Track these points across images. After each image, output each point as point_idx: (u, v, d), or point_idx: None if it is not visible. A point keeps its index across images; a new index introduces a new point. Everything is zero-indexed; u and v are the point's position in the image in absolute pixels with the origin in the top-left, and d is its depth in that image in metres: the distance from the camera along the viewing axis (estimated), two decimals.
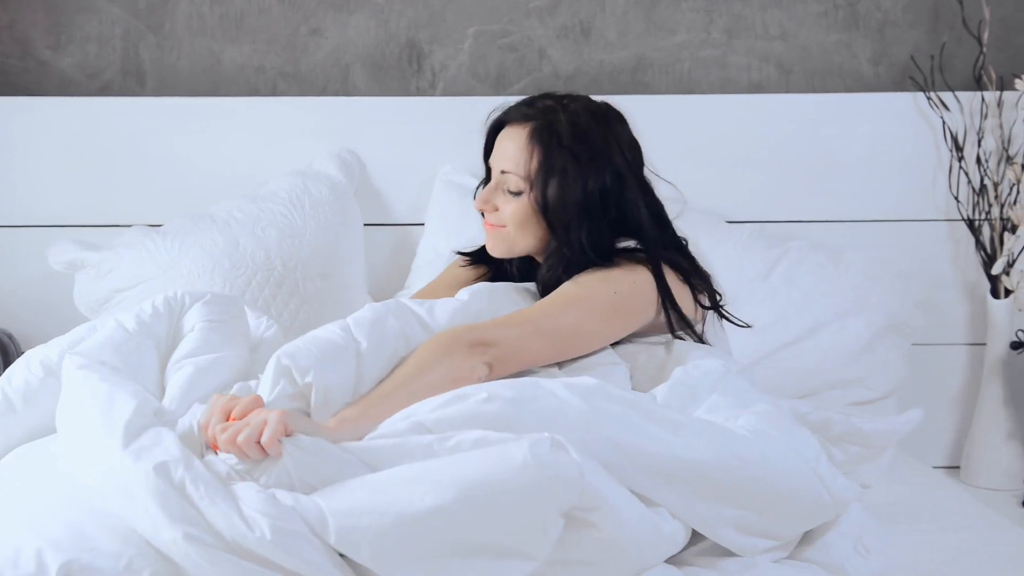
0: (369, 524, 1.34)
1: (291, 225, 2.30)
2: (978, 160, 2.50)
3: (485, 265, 1.98)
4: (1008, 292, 2.47)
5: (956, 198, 2.52)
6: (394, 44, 2.62)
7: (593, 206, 1.80)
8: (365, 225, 2.48)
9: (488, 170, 1.89)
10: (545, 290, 1.81)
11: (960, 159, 2.51)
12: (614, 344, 1.82)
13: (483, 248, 1.96)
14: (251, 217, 2.28)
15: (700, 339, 1.86)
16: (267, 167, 2.49)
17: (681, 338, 1.85)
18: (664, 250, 1.84)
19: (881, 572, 1.57)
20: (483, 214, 1.88)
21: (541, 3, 2.62)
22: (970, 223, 2.51)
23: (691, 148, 2.54)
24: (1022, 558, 1.74)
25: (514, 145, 1.82)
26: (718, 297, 1.90)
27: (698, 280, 1.85)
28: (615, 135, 1.85)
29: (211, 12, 2.59)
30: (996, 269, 2.46)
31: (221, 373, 1.66)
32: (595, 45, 2.63)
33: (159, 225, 2.34)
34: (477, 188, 1.93)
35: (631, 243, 1.84)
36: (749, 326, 1.95)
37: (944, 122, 2.52)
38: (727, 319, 1.91)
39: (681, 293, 1.82)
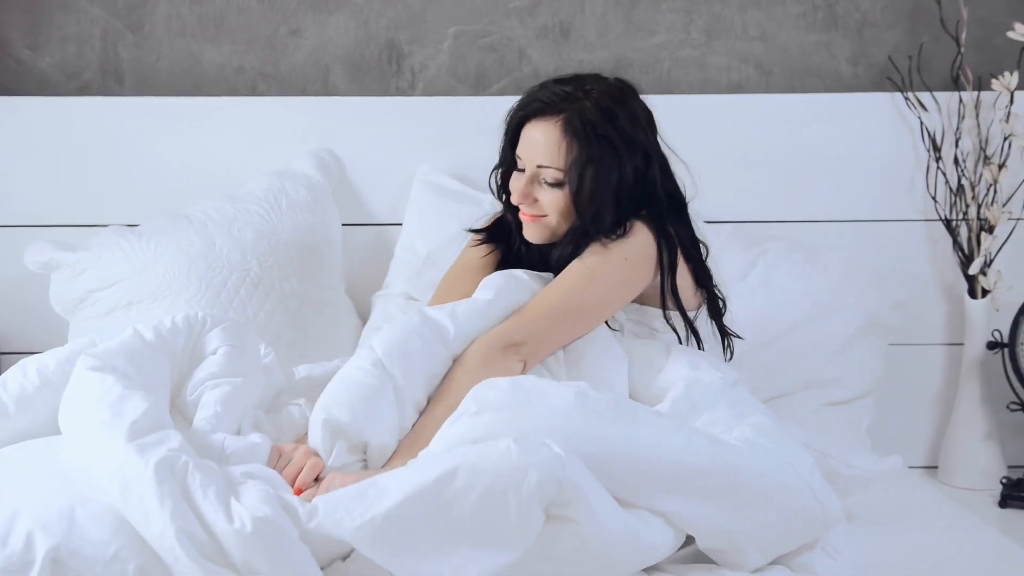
0: (357, 507, 1.39)
1: (268, 225, 2.30)
2: (956, 160, 2.51)
3: (494, 243, 2.01)
4: (985, 292, 2.47)
5: (934, 198, 2.52)
6: (374, 44, 2.62)
7: (625, 188, 1.86)
8: (344, 225, 2.48)
9: (514, 159, 1.91)
10: (561, 267, 1.85)
11: (938, 159, 2.51)
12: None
13: (494, 224, 2.02)
14: (227, 217, 2.28)
15: (691, 326, 1.89)
16: (247, 167, 2.49)
17: (674, 330, 1.87)
18: (673, 223, 1.89)
19: (850, 573, 1.58)
20: (509, 205, 1.92)
21: (521, 3, 2.63)
22: (947, 223, 2.51)
23: (672, 148, 2.53)
24: (993, 558, 1.75)
25: (547, 139, 1.85)
26: (720, 303, 1.94)
27: (700, 266, 1.90)
28: (635, 113, 1.91)
29: (190, 12, 2.59)
30: (973, 269, 2.46)
31: (251, 394, 1.72)
32: (575, 45, 2.63)
33: (137, 225, 2.34)
34: (494, 173, 1.97)
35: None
36: (742, 338, 1.99)
37: (922, 122, 2.52)
38: (720, 325, 1.94)
39: (681, 270, 1.87)
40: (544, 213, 1.88)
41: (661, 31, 2.64)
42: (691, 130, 2.54)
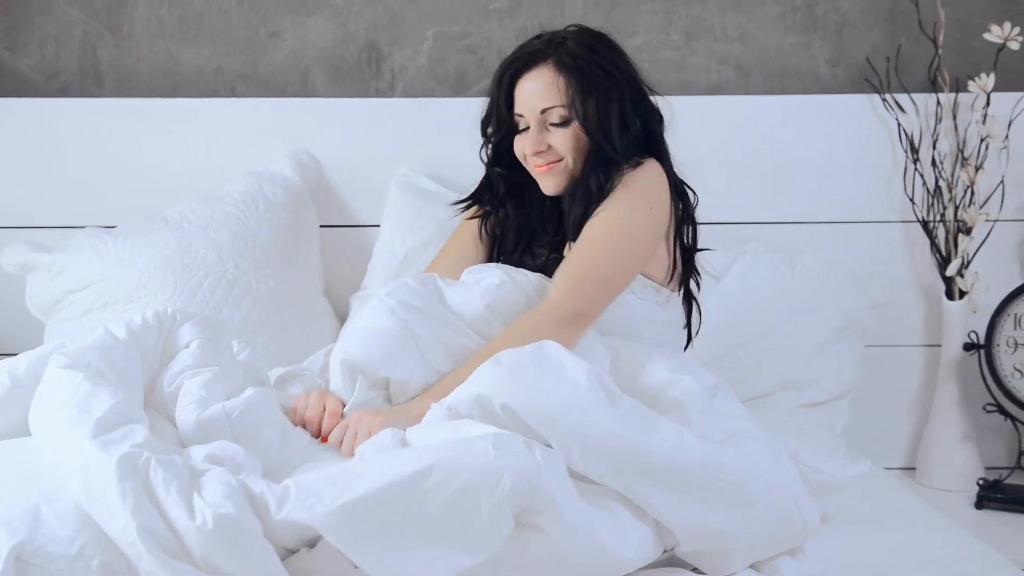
0: (329, 493, 1.38)
1: (244, 226, 2.30)
2: (933, 162, 2.51)
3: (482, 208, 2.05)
4: (962, 294, 2.48)
5: (912, 200, 2.53)
6: (353, 46, 2.62)
7: (627, 113, 1.93)
8: (322, 226, 2.49)
9: (511, 125, 1.95)
10: (577, 227, 1.87)
11: (916, 161, 2.52)
12: None
13: (475, 193, 2.06)
14: (204, 219, 2.29)
15: (689, 295, 1.97)
16: (226, 169, 2.49)
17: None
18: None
19: (813, 572, 1.58)
20: (512, 172, 1.96)
21: (500, 5, 2.63)
22: (925, 224, 2.51)
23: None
24: (963, 559, 1.75)
25: (543, 83, 1.92)
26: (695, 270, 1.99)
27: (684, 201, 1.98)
28: (614, 46, 2.00)
29: (169, 14, 2.59)
30: (950, 271, 2.47)
31: (231, 383, 1.70)
32: None
33: (115, 227, 2.34)
34: (486, 147, 2.00)
35: None
36: (712, 249, 2.05)
37: (900, 124, 2.52)
38: (688, 293, 1.98)
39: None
40: (559, 157, 1.92)
41: (641, 32, 2.65)
42: (670, 131, 2.55)
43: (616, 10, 2.63)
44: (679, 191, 1.97)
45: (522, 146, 1.94)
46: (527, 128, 1.94)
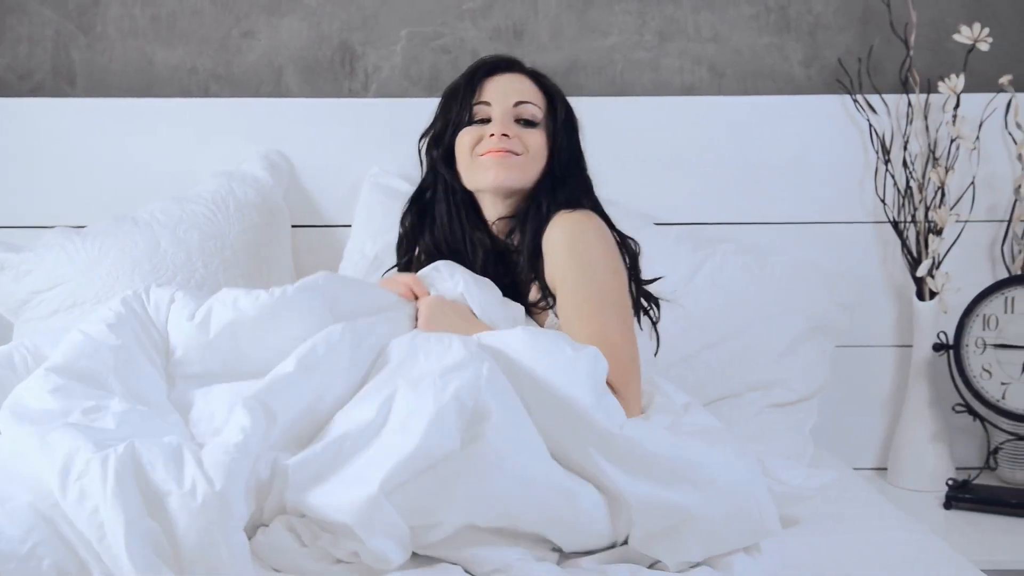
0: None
1: (214, 227, 2.30)
2: (904, 163, 2.51)
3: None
4: (933, 294, 2.48)
5: (883, 200, 2.53)
6: (326, 46, 2.62)
7: (583, 163, 1.96)
8: (293, 226, 2.49)
9: (473, 115, 1.93)
10: (531, 253, 1.86)
11: (887, 161, 2.52)
12: None
13: (400, 250, 2.04)
14: (173, 219, 2.29)
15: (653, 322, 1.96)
16: (199, 169, 2.49)
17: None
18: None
19: (769, 571, 1.58)
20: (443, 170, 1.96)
21: (474, 5, 2.63)
22: (896, 225, 2.52)
23: (624, 150, 2.55)
24: (920, 559, 1.75)
25: (521, 83, 1.93)
26: (652, 304, 1.97)
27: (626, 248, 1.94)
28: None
29: (142, 14, 2.59)
30: (921, 271, 2.47)
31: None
32: (528, 47, 2.64)
33: (85, 227, 2.34)
34: (425, 139, 2.01)
35: None
36: (661, 277, 2.04)
37: (871, 125, 2.53)
38: (645, 289, 1.97)
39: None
40: (522, 151, 1.89)
41: (614, 33, 2.65)
42: (645, 132, 2.57)
43: (590, 10, 2.64)
44: (621, 238, 1.93)
45: (479, 134, 1.91)
46: (484, 120, 1.91)
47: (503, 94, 1.91)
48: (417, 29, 2.63)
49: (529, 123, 1.91)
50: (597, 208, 1.92)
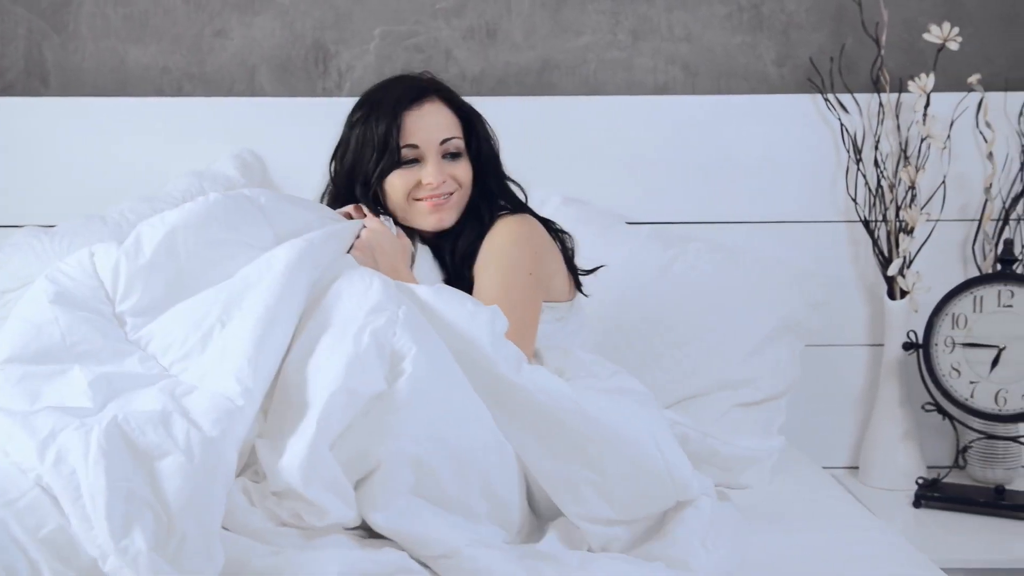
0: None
1: None
2: (876, 162, 2.52)
3: None
4: (904, 293, 2.49)
5: (854, 199, 2.54)
6: (300, 45, 2.63)
7: (500, 165, 2.03)
8: None
9: (399, 157, 1.91)
10: (464, 259, 1.92)
11: (858, 161, 2.52)
12: None
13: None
14: (143, 218, 2.24)
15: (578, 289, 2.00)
16: (172, 168, 2.49)
17: None
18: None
19: (726, 568, 1.58)
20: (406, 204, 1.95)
21: (447, 4, 2.63)
22: (867, 224, 2.52)
23: (597, 149, 2.56)
24: (882, 557, 1.75)
25: (438, 115, 1.95)
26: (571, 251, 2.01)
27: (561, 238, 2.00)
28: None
29: (115, 12, 2.59)
30: (892, 270, 2.47)
31: None
32: (501, 46, 2.64)
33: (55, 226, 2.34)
34: (369, 177, 1.94)
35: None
36: (603, 265, 2.06)
37: (842, 124, 2.53)
38: (578, 278, 2.00)
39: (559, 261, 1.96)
40: (455, 188, 1.94)
41: (588, 32, 2.65)
42: (618, 131, 2.57)
43: (563, 10, 2.64)
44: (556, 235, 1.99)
45: (412, 179, 1.92)
46: (414, 161, 1.93)
47: (428, 134, 1.92)
48: (391, 28, 2.63)
49: (455, 155, 1.95)
50: (528, 209, 2.00)
